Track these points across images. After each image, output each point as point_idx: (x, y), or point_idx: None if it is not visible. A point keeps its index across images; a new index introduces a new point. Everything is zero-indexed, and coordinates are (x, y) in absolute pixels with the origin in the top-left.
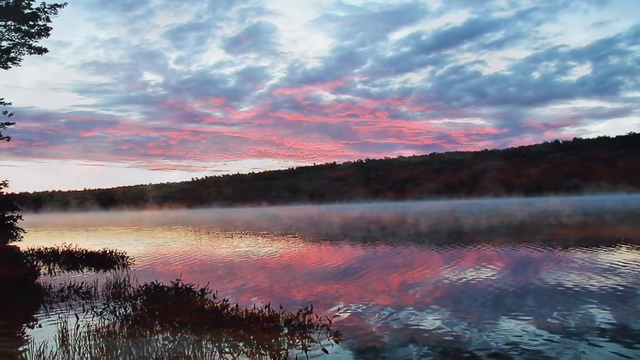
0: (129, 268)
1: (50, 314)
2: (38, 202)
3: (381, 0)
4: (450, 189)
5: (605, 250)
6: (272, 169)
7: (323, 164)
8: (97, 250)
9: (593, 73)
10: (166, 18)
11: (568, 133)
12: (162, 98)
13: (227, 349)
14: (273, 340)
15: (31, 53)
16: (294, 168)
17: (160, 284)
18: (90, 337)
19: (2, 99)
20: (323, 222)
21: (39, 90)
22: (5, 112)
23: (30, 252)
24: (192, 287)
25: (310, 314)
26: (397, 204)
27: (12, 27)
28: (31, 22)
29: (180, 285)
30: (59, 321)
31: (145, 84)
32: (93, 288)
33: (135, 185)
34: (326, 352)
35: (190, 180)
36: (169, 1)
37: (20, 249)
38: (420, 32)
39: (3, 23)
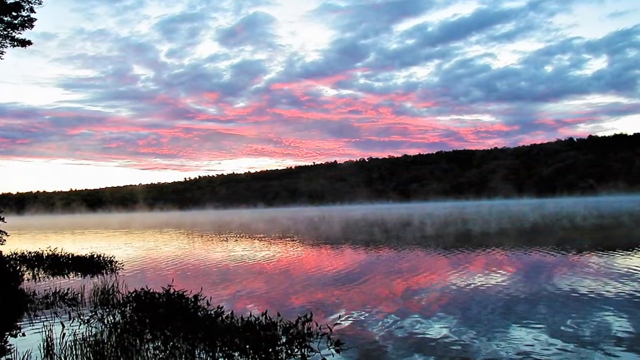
0: (117, 273)
1: (34, 321)
2: (21, 203)
3: None
4: (457, 190)
5: (622, 255)
6: (269, 169)
7: (323, 163)
8: (84, 254)
9: (609, 67)
10: (157, 9)
11: (583, 130)
12: (153, 93)
13: (221, 359)
14: (270, 350)
15: (14, 45)
16: (293, 167)
17: (151, 290)
18: (77, 347)
19: None
20: (323, 225)
21: (22, 85)
22: None
23: (13, 256)
24: (184, 294)
25: (309, 321)
26: (402, 206)
27: None
28: (14, 13)
29: (172, 291)
30: (43, 329)
31: (135, 78)
32: (80, 294)
33: (124, 186)
34: None
35: (182, 180)
36: None
37: (3, 253)
38: (426, 23)
39: None
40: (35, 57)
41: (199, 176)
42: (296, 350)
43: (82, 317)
